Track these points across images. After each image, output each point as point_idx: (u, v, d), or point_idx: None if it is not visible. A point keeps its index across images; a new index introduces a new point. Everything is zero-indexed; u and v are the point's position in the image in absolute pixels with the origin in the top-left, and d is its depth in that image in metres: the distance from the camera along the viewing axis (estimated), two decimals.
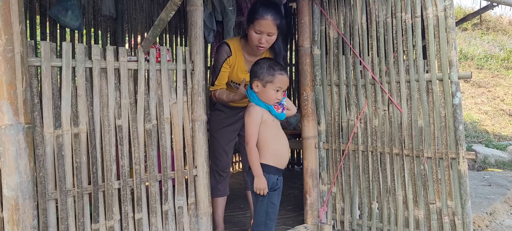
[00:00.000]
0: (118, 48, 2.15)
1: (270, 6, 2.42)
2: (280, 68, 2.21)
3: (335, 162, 2.81)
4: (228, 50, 2.56)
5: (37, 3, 3.61)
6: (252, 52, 2.58)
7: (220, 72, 2.57)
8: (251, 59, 2.58)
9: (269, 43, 2.48)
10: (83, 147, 2.03)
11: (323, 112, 2.85)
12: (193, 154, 2.40)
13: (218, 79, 2.60)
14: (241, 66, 2.61)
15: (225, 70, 2.57)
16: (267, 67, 2.18)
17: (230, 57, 2.55)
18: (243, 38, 2.62)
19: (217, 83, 2.61)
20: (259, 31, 2.41)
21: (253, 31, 2.43)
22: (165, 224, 2.32)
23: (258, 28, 2.40)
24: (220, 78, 2.59)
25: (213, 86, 2.64)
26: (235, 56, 2.57)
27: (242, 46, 2.60)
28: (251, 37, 2.45)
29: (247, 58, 2.61)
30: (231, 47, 2.56)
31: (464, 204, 2.27)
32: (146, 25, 4.34)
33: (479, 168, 5.61)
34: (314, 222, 2.88)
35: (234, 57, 2.57)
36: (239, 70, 2.61)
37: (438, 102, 2.34)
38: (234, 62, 2.58)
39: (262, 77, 2.17)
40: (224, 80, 2.61)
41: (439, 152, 2.35)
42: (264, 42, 2.43)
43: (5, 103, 1.74)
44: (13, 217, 1.76)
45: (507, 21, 11.71)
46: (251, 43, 2.49)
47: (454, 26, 2.28)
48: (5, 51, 1.72)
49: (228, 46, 2.56)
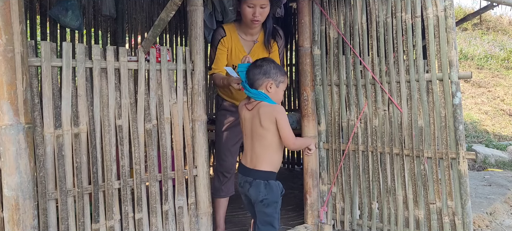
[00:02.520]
0: (118, 48, 2.15)
1: None
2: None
3: (335, 162, 2.81)
4: (222, 32, 2.63)
5: (38, 3, 3.61)
6: (248, 31, 2.65)
7: (216, 54, 2.63)
8: (247, 39, 2.67)
9: (263, 16, 2.54)
10: (83, 147, 2.03)
11: (323, 112, 2.85)
12: (193, 154, 2.40)
13: (215, 62, 2.64)
14: (238, 47, 2.65)
15: (221, 51, 2.62)
16: (275, 66, 2.09)
17: (225, 37, 2.61)
18: (236, 21, 2.70)
19: (214, 66, 2.65)
20: (252, 5, 2.48)
21: (246, 6, 2.49)
22: (165, 224, 2.32)
23: (250, 2, 2.47)
24: (217, 60, 2.63)
25: (210, 70, 2.67)
26: (230, 37, 2.62)
27: (237, 28, 2.67)
28: (245, 13, 2.51)
29: (244, 38, 2.67)
30: (225, 29, 2.64)
31: (464, 204, 2.27)
32: (146, 25, 4.34)
33: (479, 168, 5.61)
34: (314, 222, 2.88)
35: (229, 38, 2.62)
36: (237, 51, 2.65)
37: (438, 102, 2.34)
38: (230, 44, 2.63)
39: (276, 78, 2.06)
40: (221, 62, 2.63)
41: (439, 152, 2.35)
42: (258, 15, 2.50)
43: (6, 103, 1.74)
44: (13, 217, 1.76)
45: (507, 21, 11.71)
46: (245, 20, 2.55)
47: (454, 26, 2.28)
48: (5, 51, 1.73)
49: (222, 28, 2.64)
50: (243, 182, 2.08)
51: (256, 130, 2.04)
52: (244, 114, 2.11)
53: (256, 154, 2.05)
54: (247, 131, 2.10)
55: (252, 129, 2.06)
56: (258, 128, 2.03)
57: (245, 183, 2.07)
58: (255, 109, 2.05)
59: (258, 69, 2.06)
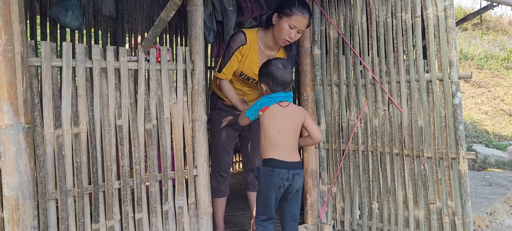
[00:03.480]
0: (118, 48, 2.15)
1: (306, 5, 2.49)
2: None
3: (335, 162, 2.81)
4: (243, 39, 2.55)
5: (38, 3, 3.61)
6: (270, 45, 2.59)
7: (230, 59, 2.55)
8: (266, 52, 2.61)
9: (294, 40, 2.54)
10: (83, 147, 2.03)
11: (323, 112, 2.85)
12: (193, 154, 2.40)
13: (227, 67, 2.57)
14: (254, 58, 2.59)
15: (236, 58, 2.55)
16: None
17: (245, 46, 2.55)
18: (261, 30, 2.62)
19: (225, 71, 2.58)
20: (293, 26, 2.45)
21: (287, 25, 2.45)
22: (165, 224, 2.32)
23: (293, 23, 2.44)
24: (228, 66, 2.56)
25: (219, 73, 2.60)
26: (249, 46, 2.56)
27: (259, 38, 2.60)
28: (283, 29, 2.46)
29: (262, 50, 2.61)
30: (247, 37, 2.56)
31: (464, 204, 2.27)
32: (146, 25, 4.34)
33: (479, 168, 5.61)
34: (314, 222, 2.88)
35: (248, 47, 2.56)
36: (251, 62, 2.59)
37: (438, 102, 2.34)
38: (247, 53, 2.56)
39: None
40: (232, 69, 2.58)
41: (439, 152, 2.35)
42: (293, 37, 2.49)
43: (6, 103, 1.74)
44: (14, 217, 1.76)
45: (507, 21, 11.71)
46: (279, 35, 2.49)
47: (454, 26, 2.28)
48: (5, 51, 1.72)
49: (244, 35, 2.56)
50: (291, 175, 2.20)
51: (292, 126, 2.25)
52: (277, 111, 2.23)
53: (293, 148, 2.25)
54: (281, 127, 2.22)
55: (286, 125, 2.23)
56: (294, 124, 2.25)
57: (295, 175, 2.21)
58: (289, 107, 2.26)
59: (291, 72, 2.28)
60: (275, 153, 2.20)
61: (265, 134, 2.23)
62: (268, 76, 2.25)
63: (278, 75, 2.23)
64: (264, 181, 2.21)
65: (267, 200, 2.21)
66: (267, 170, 2.20)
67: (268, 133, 2.22)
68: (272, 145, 2.21)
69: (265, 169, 2.21)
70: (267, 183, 2.20)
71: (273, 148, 2.21)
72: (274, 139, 2.21)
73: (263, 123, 2.24)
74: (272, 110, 2.23)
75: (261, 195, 2.24)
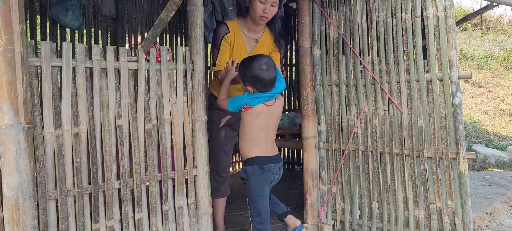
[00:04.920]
0: (118, 48, 2.15)
1: None
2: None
3: (335, 162, 2.81)
4: (225, 28, 2.62)
5: (38, 3, 3.61)
6: (253, 28, 2.64)
7: (220, 50, 2.60)
8: (251, 36, 2.66)
9: (271, 14, 2.55)
10: (83, 147, 2.03)
11: (323, 112, 2.85)
12: (193, 154, 2.40)
13: (219, 58, 2.61)
14: (241, 44, 2.64)
15: (224, 48, 2.60)
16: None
17: (228, 34, 2.60)
18: (241, 19, 2.70)
19: (218, 62, 2.62)
20: (264, 1, 2.49)
21: (258, 1, 2.49)
22: (165, 224, 2.32)
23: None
24: (220, 57, 2.61)
25: (215, 67, 2.64)
26: (233, 34, 2.62)
27: (241, 25, 2.66)
28: (255, 8, 2.51)
29: (247, 35, 2.66)
30: (228, 26, 2.63)
31: (464, 204, 2.27)
32: (146, 25, 4.34)
33: (479, 168, 5.61)
34: (314, 222, 2.88)
35: (233, 35, 2.61)
36: (239, 48, 2.63)
37: (438, 102, 2.34)
38: (233, 41, 2.61)
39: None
40: (225, 59, 2.61)
41: (439, 152, 2.35)
42: (268, 12, 2.51)
43: (6, 103, 1.74)
44: (13, 217, 1.76)
45: (507, 21, 11.71)
46: (254, 15, 2.55)
47: (454, 26, 2.28)
48: (5, 51, 1.73)
49: (225, 25, 2.63)
50: (277, 168, 2.31)
51: (273, 122, 2.30)
52: (262, 110, 2.25)
53: (273, 142, 2.33)
54: (263, 125, 2.25)
55: (269, 122, 2.28)
56: (275, 121, 2.31)
57: (280, 167, 2.33)
58: (274, 105, 2.29)
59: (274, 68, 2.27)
60: (259, 150, 2.23)
61: (247, 131, 2.24)
62: (254, 80, 2.22)
63: (264, 77, 2.20)
64: (255, 180, 2.21)
65: (262, 198, 2.22)
66: (256, 169, 2.20)
67: (250, 131, 2.23)
68: (254, 142, 2.23)
69: (254, 168, 2.21)
70: (259, 181, 2.20)
71: (256, 145, 2.22)
72: (256, 137, 2.23)
73: (245, 120, 2.24)
74: (256, 110, 2.23)
75: (254, 196, 2.25)
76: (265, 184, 2.24)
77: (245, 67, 2.25)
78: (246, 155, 2.26)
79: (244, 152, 2.28)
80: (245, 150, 2.26)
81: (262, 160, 2.22)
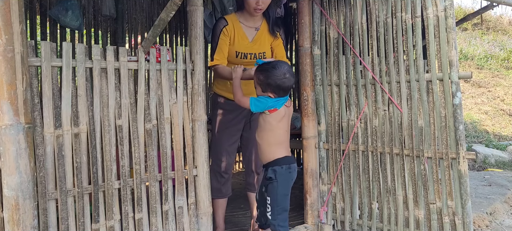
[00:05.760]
0: (118, 48, 2.15)
1: None
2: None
3: (335, 162, 2.81)
4: (224, 22, 2.66)
5: (38, 3, 3.61)
6: (250, 18, 2.68)
7: (218, 44, 2.62)
8: (250, 25, 2.70)
9: (265, 5, 2.59)
10: (83, 147, 2.03)
11: (323, 112, 2.85)
12: (193, 154, 2.40)
13: (217, 52, 2.61)
14: (241, 34, 2.67)
15: (223, 41, 2.62)
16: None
17: (227, 26, 2.63)
18: (238, 12, 2.74)
19: (217, 56, 2.60)
20: None
21: None
22: (165, 224, 2.32)
23: None
24: (218, 50, 2.61)
25: (212, 61, 2.62)
26: (232, 26, 2.65)
27: (238, 17, 2.70)
28: (249, 1, 2.56)
29: (246, 25, 2.69)
30: (227, 19, 2.67)
31: (464, 204, 2.27)
32: (146, 25, 4.34)
33: (479, 168, 5.61)
34: (314, 222, 2.88)
35: (232, 27, 2.64)
36: (241, 38, 2.66)
37: (438, 102, 2.34)
38: (232, 33, 2.64)
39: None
40: (223, 52, 2.61)
41: (439, 152, 2.35)
42: (261, 3, 2.56)
43: (6, 103, 1.74)
44: (13, 217, 1.76)
45: (507, 21, 11.71)
46: (248, 7, 2.59)
47: (454, 26, 2.28)
48: (5, 51, 1.72)
49: (223, 19, 2.68)
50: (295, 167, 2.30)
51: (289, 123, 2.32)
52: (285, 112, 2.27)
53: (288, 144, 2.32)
54: (287, 127, 2.29)
55: (288, 124, 2.30)
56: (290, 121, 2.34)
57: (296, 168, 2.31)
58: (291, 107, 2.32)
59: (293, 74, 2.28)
60: (284, 151, 2.26)
61: (272, 134, 2.22)
62: (278, 89, 2.18)
63: (288, 85, 2.19)
64: (283, 179, 2.23)
65: (287, 197, 2.27)
66: (285, 169, 2.22)
67: (276, 133, 2.22)
68: (280, 144, 2.25)
69: (283, 168, 2.22)
70: (287, 180, 2.24)
71: (280, 146, 2.25)
72: (282, 138, 2.25)
73: (269, 123, 2.22)
74: (280, 112, 2.23)
75: (280, 195, 2.23)
76: (291, 182, 2.29)
77: (267, 76, 2.19)
78: (272, 157, 2.23)
79: (269, 155, 2.24)
80: (271, 153, 2.24)
81: (289, 160, 2.26)
